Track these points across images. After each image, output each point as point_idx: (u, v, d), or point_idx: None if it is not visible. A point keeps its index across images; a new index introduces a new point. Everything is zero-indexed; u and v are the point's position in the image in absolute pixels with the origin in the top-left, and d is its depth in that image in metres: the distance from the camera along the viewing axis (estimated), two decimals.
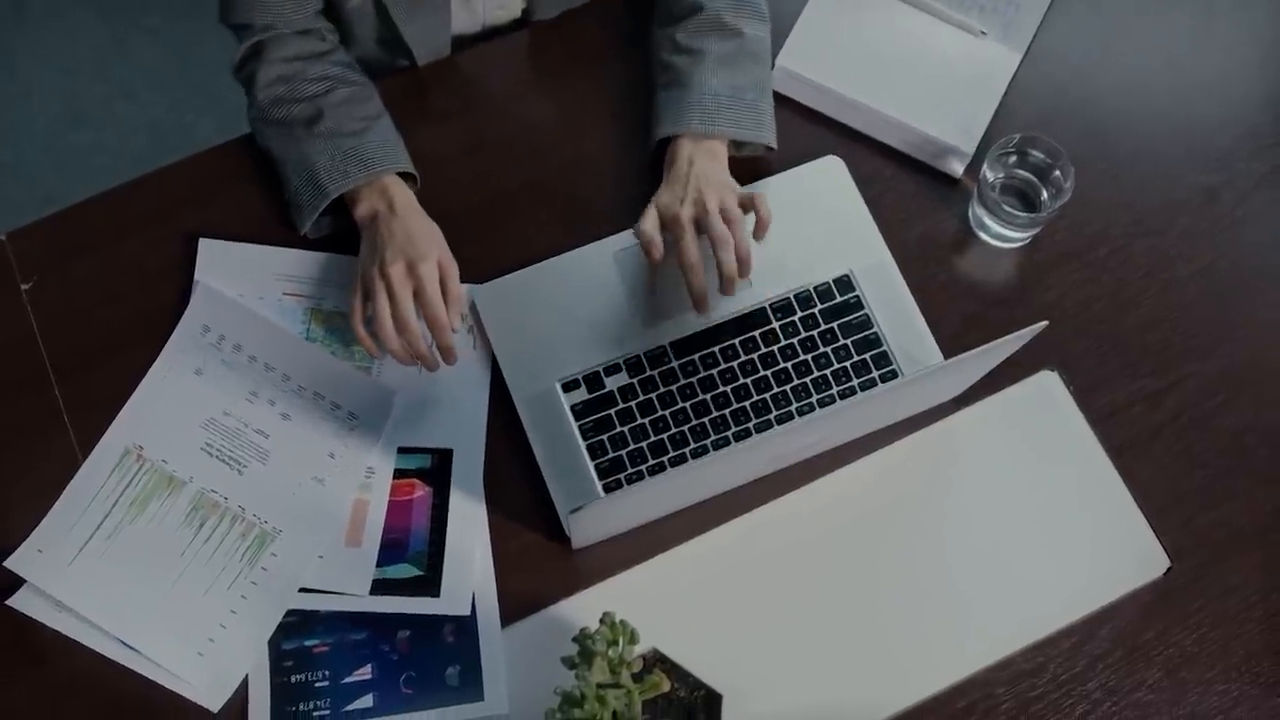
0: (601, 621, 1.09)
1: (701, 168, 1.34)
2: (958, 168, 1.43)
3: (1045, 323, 1.11)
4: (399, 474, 1.31)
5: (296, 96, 1.36)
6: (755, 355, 1.34)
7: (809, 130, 1.45)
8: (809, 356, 1.34)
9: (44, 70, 2.55)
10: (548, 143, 1.44)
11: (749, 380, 1.34)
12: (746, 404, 1.33)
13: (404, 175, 1.36)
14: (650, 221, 1.32)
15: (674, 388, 1.33)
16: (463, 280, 1.34)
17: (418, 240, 1.30)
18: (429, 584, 1.27)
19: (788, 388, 1.33)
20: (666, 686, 1.11)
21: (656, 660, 1.18)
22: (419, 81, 1.47)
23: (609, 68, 1.47)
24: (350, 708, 1.23)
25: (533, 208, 1.41)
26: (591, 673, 1.06)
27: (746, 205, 1.33)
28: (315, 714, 1.23)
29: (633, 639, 1.09)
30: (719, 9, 1.38)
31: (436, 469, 1.31)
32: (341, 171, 1.32)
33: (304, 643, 1.25)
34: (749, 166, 1.42)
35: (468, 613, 1.26)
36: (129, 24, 2.58)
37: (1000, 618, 1.28)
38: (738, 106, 1.36)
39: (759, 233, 1.33)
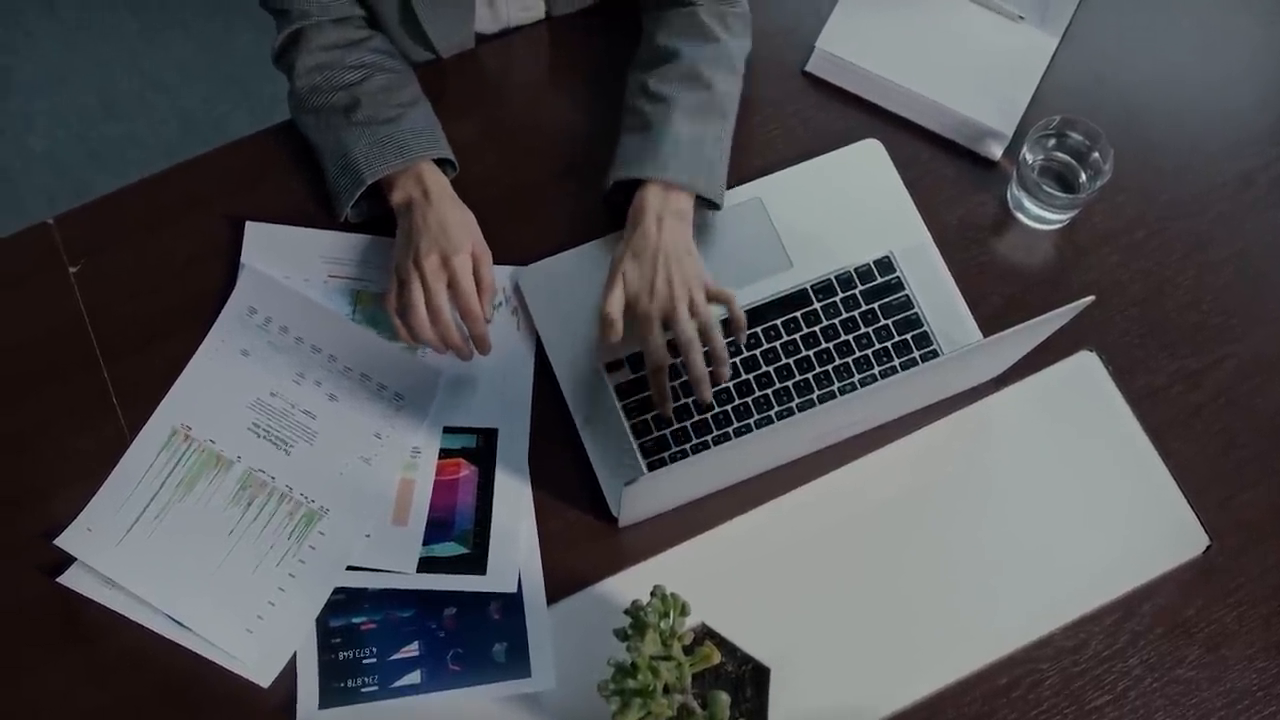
0: (653, 594, 1.10)
1: (670, 239, 1.31)
2: (996, 151, 1.43)
3: (1092, 297, 1.12)
4: (444, 454, 1.32)
5: (334, 84, 1.37)
6: (797, 335, 1.35)
7: (848, 114, 1.46)
8: (850, 336, 1.35)
9: (76, 62, 2.56)
10: (579, 131, 1.44)
11: (791, 360, 1.35)
12: (789, 383, 1.34)
13: (441, 162, 1.37)
14: (614, 301, 1.30)
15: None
16: (506, 262, 1.36)
17: (452, 231, 1.31)
18: (475, 562, 1.28)
19: (829, 367, 1.34)
20: (717, 659, 1.12)
21: (706, 634, 1.19)
22: (443, 73, 1.47)
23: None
24: (398, 684, 1.24)
25: (570, 193, 1.42)
26: (644, 644, 1.06)
27: (715, 298, 1.31)
28: (363, 690, 1.24)
29: (684, 612, 1.10)
30: (695, 60, 1.37)
31: (482, 449, 1.32)
32: (378, 158, 1.33)
33: (352, 620, 1.27)
34: (787, 150, 1.43)
35: (514, 590, 1.27)
36: (161, 17, 2.60)
37: (1041, 595, 1.28)
38: (695, 158, 1.34)
39: (739, 335, 1.32)
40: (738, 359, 1.34)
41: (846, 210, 1.40)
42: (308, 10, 1.37)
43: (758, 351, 1.34)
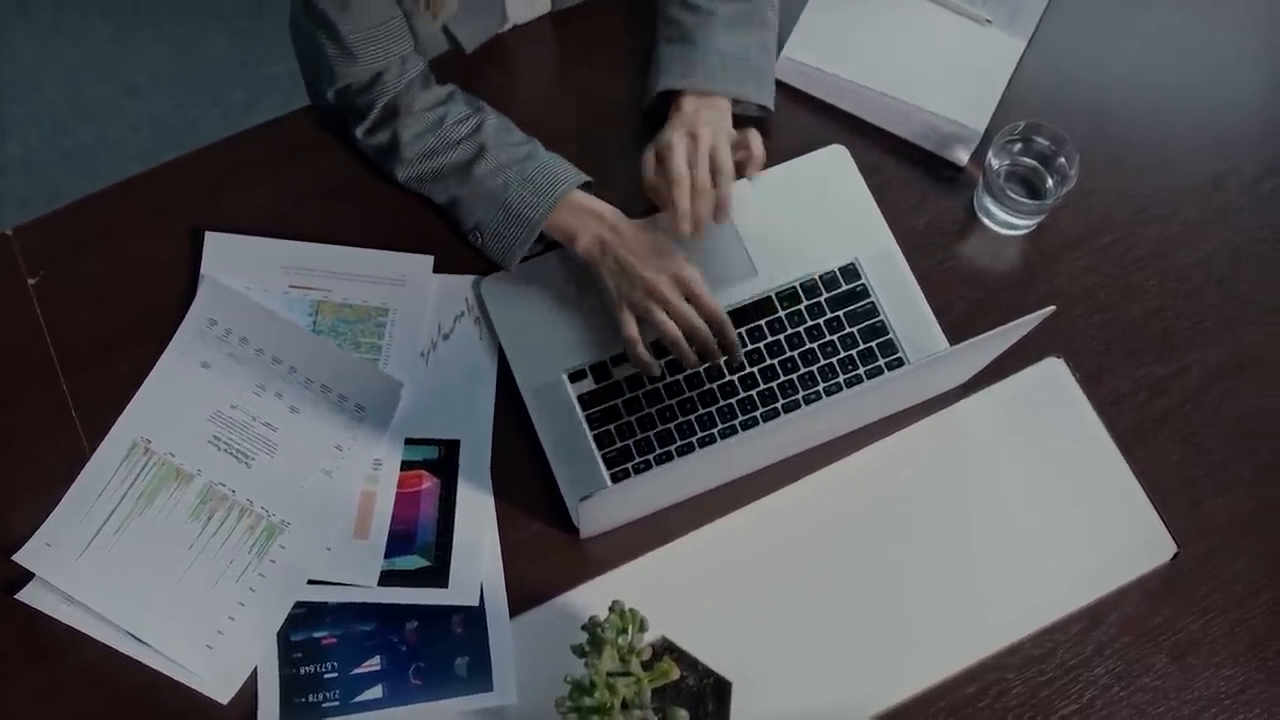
0: (611, 609, 1.09)
1: (705, 115, 1.35)
2: (963, 156, 1.43)
3: (1053, 307, 1.11)
4: (406, 465, 1.31)
5: (451, 141, 1.36)
6: (761, 344, 1.34)
7: (813, 119, 1.45)
8: (815, 345, 1.35)
9: (48, 66, 2.55)
10: (554, 133, 1.43)
11: (755, 368, 1.34)
12: (753, 392, 1.33)
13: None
14: (649, 167, 1.35)
15: (680, 377, 1.33)
16: (468, 271, 1.36)
17: (662, 249, 1.32)
18: (437, 575, 1.27)
19: (794, 376, 1.34)
20: (676, 675, 1.11)
21: (666, 648, 1.19)
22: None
23: (620, 59, 1.47)
24: (359, 699, 1.24)
25: None
26: (601, 661, 1.06)
27: (739, 145, 1.35)
28: (324, 705, 1.23)
29: (642, 627, 1.10)
30: None
31: (444, 460, 1.31)
32: (537, 197, 1.33)
33: (313, 634, 1.26)
34: None
35: (476, 603, 1.26)
36: (134, 21, 2.58)
37: (1008, 603, 1.28)
38: (743, 68, 1.38)
39: (750, 169, 1.35)
40: (701, 367, 1.33)
41: (812, 217, 1.39)
42: (397, 79, 1.35)
43: (722, 360, 1.33)
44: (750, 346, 1.34)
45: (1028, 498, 1.31)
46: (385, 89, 1.35)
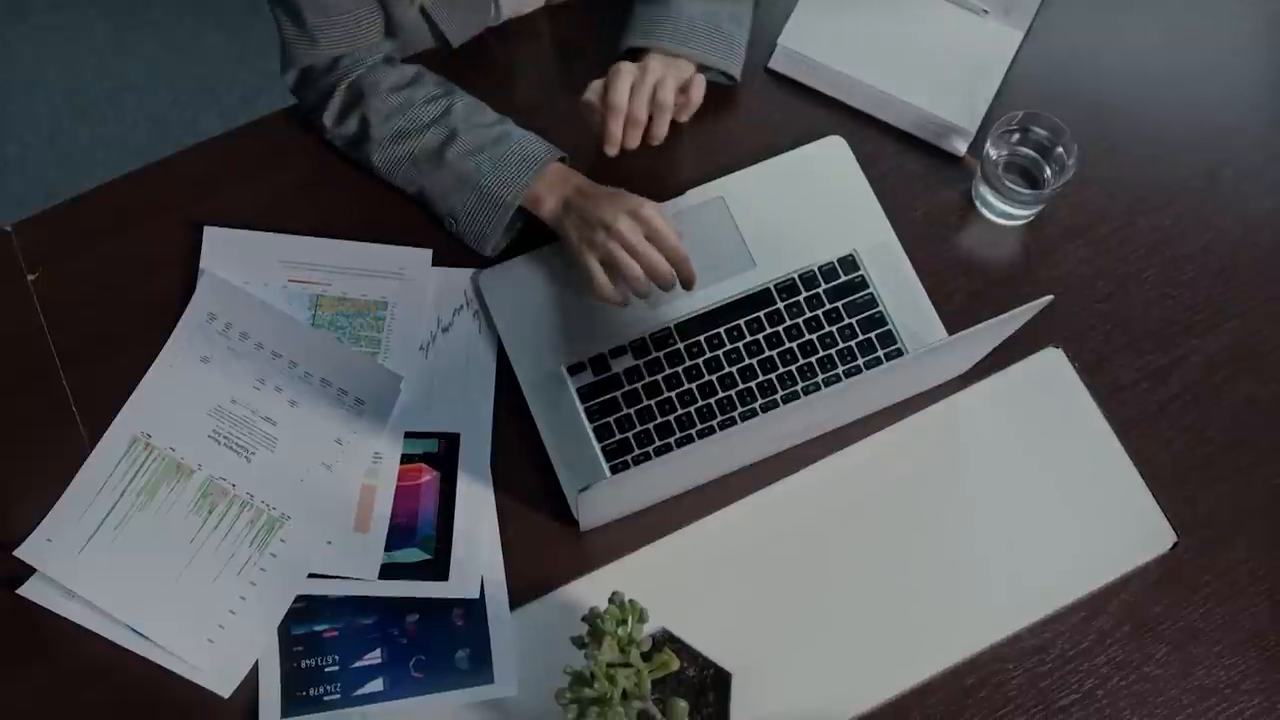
0: (610, 601, 1.09)
1: (660, 69, 1.35)
2: (960, 146, 1.43)
3: (1050, 296, 1.11)
4: (406, 459, 1.32)
5: (419, 124, 1.36)
6: (760, 336, 1.35)
7: (811, 111, 1.45)
8: (814, 336, 1.35)
9: (46, 65, 2.55)
10: (550, 126, 1.44)
11: (754, 361, 1.34)
12: (752, 384, 1.33)
13: None
14: (595, 94, 1.34)
15: (680, 369, 1.33)
16: (467, 264, 1.36)
17: (620, 195, 1.32)
18: (437, 568, 1.27)
19: (793, 367, 1.34)
20: (676, 665, 1.11)
21: (666, 639, 1.19)
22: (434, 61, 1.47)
23: (609, 56, 1.47)
24: (360, 691, 1.24)
25: None
26: (601, 652, 1.06)
27: (681, 89, 1.36)
28: (326, 698, 1.23)
29: (641, 618, 1.10)
30: None
31: (444, 453, 1.32)
32: (511, 178, 1.33)
33: (313, 628, 1.26)
34: (750, 148, 1.42)
35: (476, 596, 1.27)
36: (131, 19, 2.59)
37: (1007, 594, 1.28)
38: (711, 33, 1.38)
39: (683, 115, 1.38)
40: (700, 359, 1.33)
41: (810, 208, 1.39)
42: (359, 58, 1.36)
43: (720, 352, 1.33)
44: (749, 338, 1.34)
45: (1027, 488, 1.31)
46: (347, 70, 1.35)
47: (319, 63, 1.35)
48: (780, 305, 1.36)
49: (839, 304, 1.36)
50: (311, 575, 1.27)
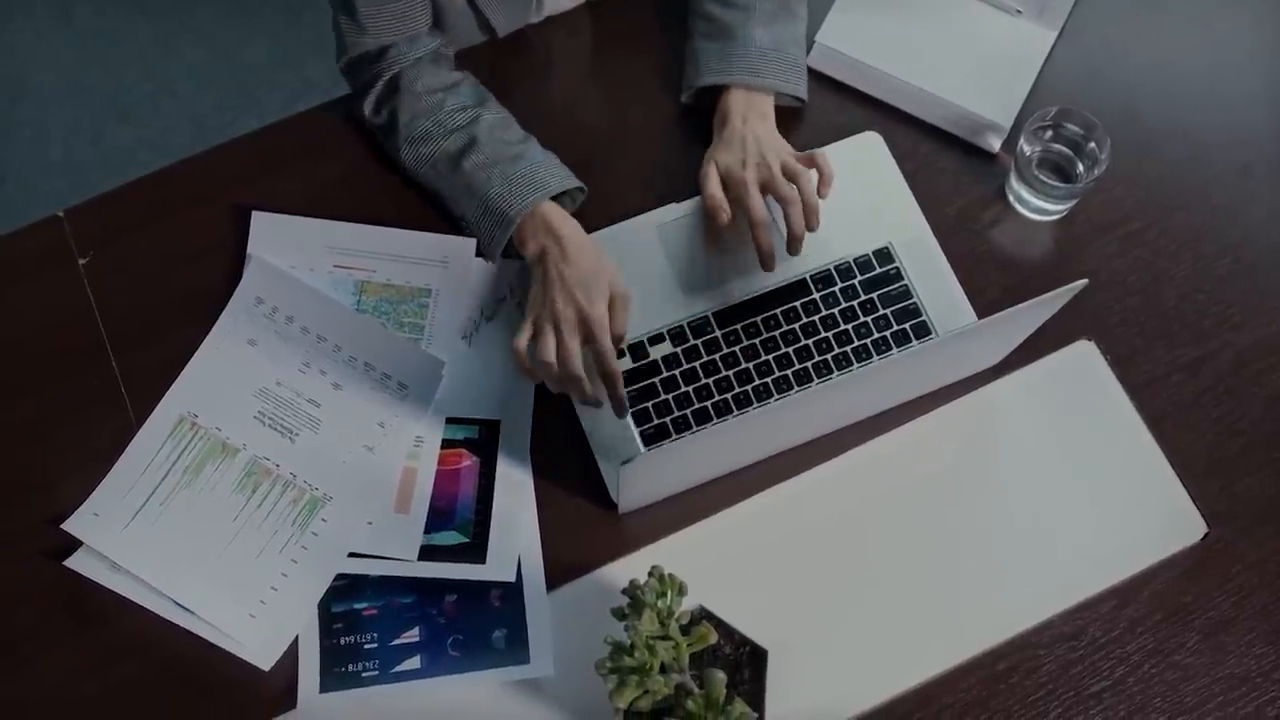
0: (650, 574, 1.11)
1: (755, 129, 1.37)
2: (994, 143, 1.45)
3: (1085, 280, 1.13)
4: (447, 444, 1.33)
5: (446, 128, 1.38)
6: (796, 325, 1.36)
7: (847, 107, 1.47)
8: (850, 326, 1.37)
9: (91, 68, 2.59)
10: (585, 122, 1.46)
11: (790, 349, 1.36)
12: (788, 372, 1.35)
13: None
14: (714, 183, 1.36)
15: (717, 356, 1.35)
16: (510, 255, 1.38)
17: (590, 283, 1.29)
18: (475, 551, 1.29)
19: (829, 356, 1.35)
20: (713, 639, 1.12)
21: (703, 615, 1.20)
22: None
23: (647, 51, 1.50)
24: (398, 669, 1.25)
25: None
26: (641, 623, 1.07)
27: (807, 163, 1.36)
28: (364, 674, 1.25)
29: (681, 591, 1.11)
30: None
31: (484, 440, 1.33)
32: (517, 196, 1.34)
33: (353, 605, 1.28)
34: (787, 144, 1.44)
35: (513, 579, 1.28)
36: (174, 24, 2.62)
37: (1039, 581, 1.29)
38: (780, 61, 1.40)
39: (823, 189, 1.36)
40: (737, 347, 1.35)
41: (846, 202, 1.41)
42: (406, 50, 1.38)
43: (757, 340, 1.35)
44: (786, 328, 1.36)
45: (1059, 477, 1.33)
46: (391, 63, 1.38)
47: (369, 49, 1.38)
48: (816, 296, 1.38)
49: (874, 295, 1.38)
50: (352, 555, 1.29)
